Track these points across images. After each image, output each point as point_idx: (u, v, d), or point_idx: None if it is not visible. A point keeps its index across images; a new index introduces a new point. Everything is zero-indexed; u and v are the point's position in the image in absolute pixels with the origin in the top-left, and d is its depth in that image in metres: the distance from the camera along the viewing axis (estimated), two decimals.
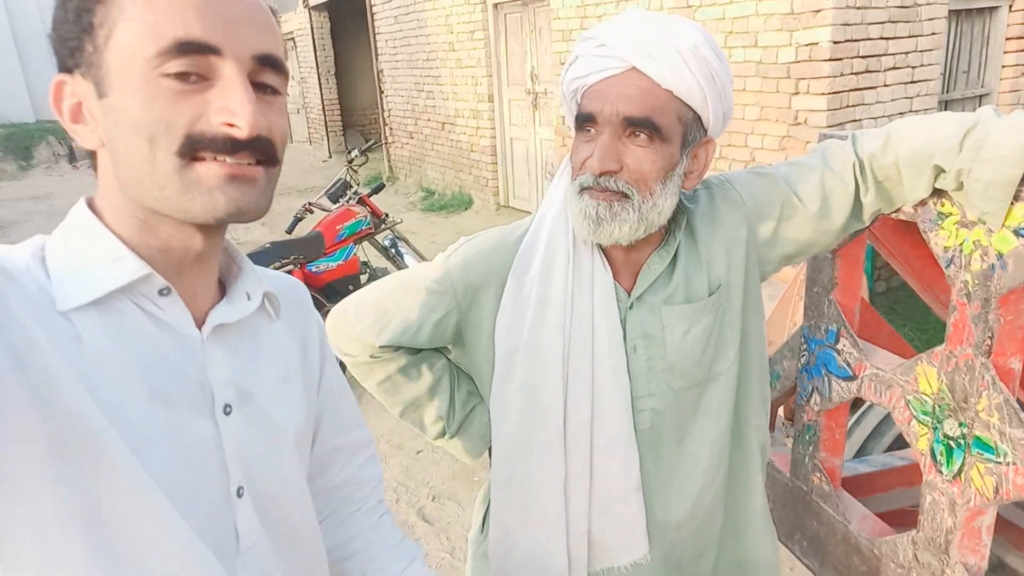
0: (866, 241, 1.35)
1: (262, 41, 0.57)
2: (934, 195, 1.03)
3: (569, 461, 1.00)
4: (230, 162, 0.56)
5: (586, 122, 0.91)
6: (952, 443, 1.10)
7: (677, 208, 0.97)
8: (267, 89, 0.59)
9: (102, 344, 0.56)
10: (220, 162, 0.56)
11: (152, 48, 0.53)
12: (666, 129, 0.89)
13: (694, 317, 0.99)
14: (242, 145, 0.56)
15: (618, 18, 0.92)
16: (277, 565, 0.67)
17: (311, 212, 3.94)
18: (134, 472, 0.53)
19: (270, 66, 0.58)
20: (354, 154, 4.31)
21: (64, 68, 0.57)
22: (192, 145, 0.55)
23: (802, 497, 1.48)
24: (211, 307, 0.64)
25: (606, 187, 0.90)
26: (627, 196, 0.90)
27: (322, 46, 11.19)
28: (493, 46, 6.75)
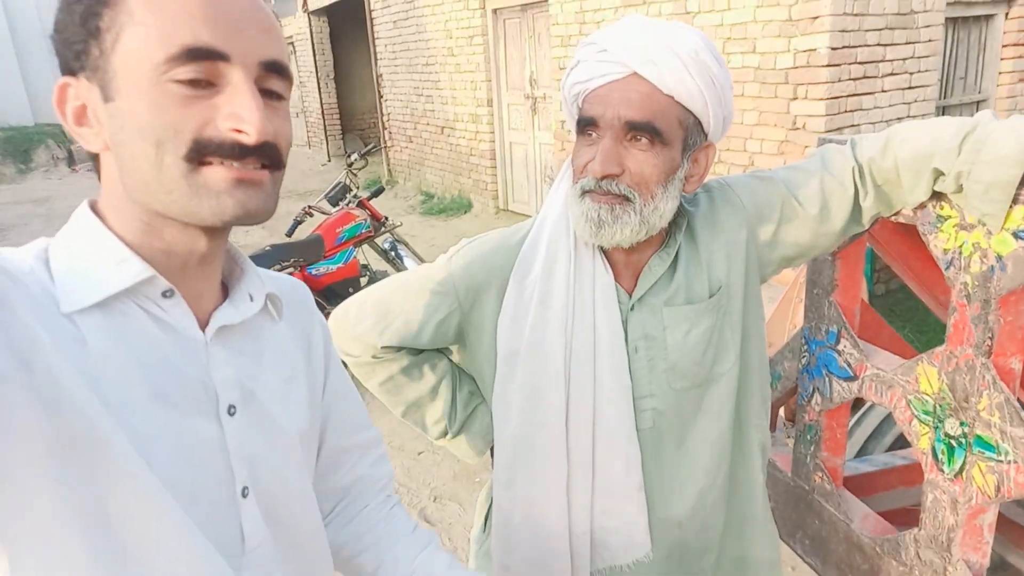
0: (866, 244, 1.36)
1: (268, 47, 0.58)
2: (933, 198, 1.04)
3: (571, 460, 1.00)
4: (237, 167, 0.56)
5: (588, 126, 0.92)
6: (953, 442, 1.11)
7: (678, 211, 0.97)
8: (272, 95, 0.59)
9: (106, 346, 0.56)
10: (227, 166, 0.56)
11: (161, 54, 0.53)
12: (667, 133, 0.89)
13: (695, 318, 0.99)
14: (249, 151, 0.56)
15: (619, 24, 0.93)
16: (281, 565, 0.67)
17: (311, 215, 3.95)
18: (140, 472, 0.53)
19: (276, 72, 0.59)
20: (353, 158, 4.31)
21: (68, 71, 0.57)
22: (200, 150, 0.55)
23: (804, 496, 1.48)
24: (214, 309, 0.64)
25: (608, 190, 0.91)
26: (628, 199, 0.91)
27: (321, 50, 11.21)
28: (492, 51, 6.77)
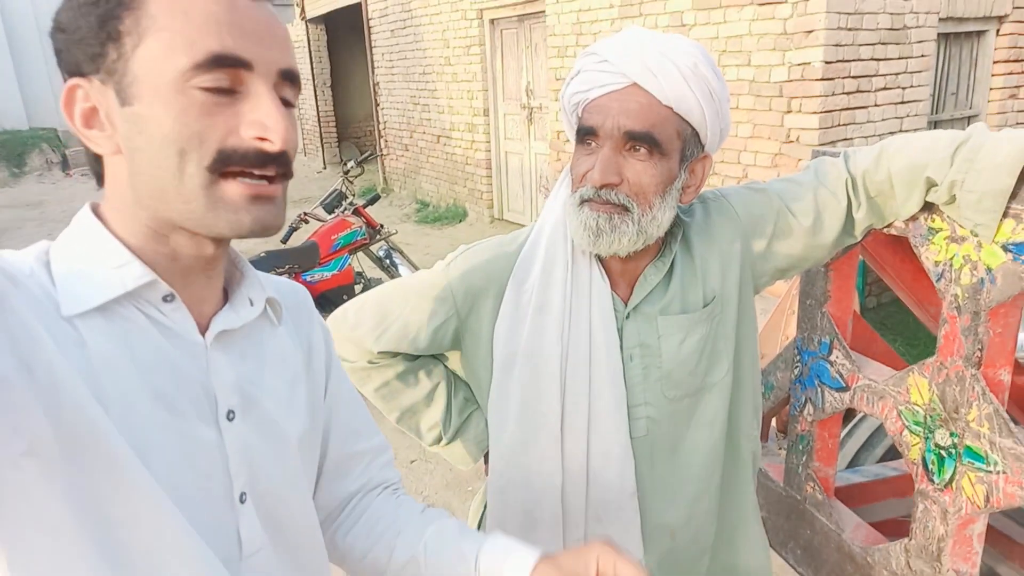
0: (858, 255, 1.37)
1: (285, 56, 0.59)
2: (925, 210, 1.06)
3: (566, 467, 1.01)
4: (251, 183, 0.57)
5: (587, 135, 0.93)
6: (943, 452, 1.12)
7: (673, 221, 0.99)
8: (285, 103, 0.59)
9: (106, 349, 0.55)
10: (243, 183, 0.56)
11: (187, 61, 0.53)
12: (665, 144, 0.91)
13: (689, 327, 1.00)
14: (271, 159, 0.57)
15: (620, 35, 0.95)
16: (280, 570, 0.67)
17: (306, 222, 3.95)
18: (140, 476, 0.53)
19: (289, 81, 0.59)
20: (350, 165, 4.32)
21: (76, 72, 0.57)
22: (224, 160, 0.55)
23: (796, 506, 1.49)
24: (215, 313, 0.64)
25: (606, 199, 0.92)
26: (627, 209, 0.92)
27: (318, 58, 11.23)
28: (489, 61, 6.80)
